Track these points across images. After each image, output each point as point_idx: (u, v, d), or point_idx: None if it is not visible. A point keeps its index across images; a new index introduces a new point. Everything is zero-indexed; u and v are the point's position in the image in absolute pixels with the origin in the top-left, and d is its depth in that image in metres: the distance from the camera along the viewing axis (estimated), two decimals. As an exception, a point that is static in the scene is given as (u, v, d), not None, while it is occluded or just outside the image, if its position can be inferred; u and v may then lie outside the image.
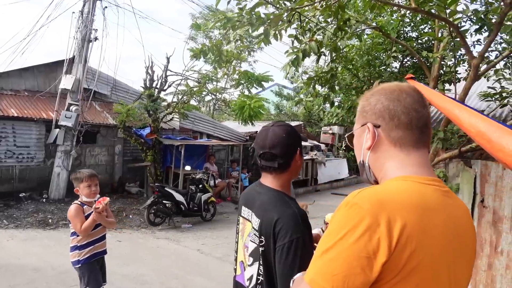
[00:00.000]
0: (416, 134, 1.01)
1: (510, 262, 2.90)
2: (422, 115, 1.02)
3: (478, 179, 3.47)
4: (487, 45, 2.78)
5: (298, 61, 2.79)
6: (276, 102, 24.32)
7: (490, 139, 1.31)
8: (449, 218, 0.93)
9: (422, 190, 0.93)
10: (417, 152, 1.01)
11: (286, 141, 1.55)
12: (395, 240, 0.81)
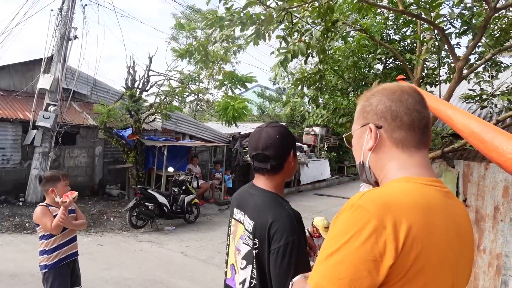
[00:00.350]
0: (418, 135, 1.01)
1: (493, 260, 2.97)
2: (424, 116, 1.02)
3: (460, 179, 3.54)
4: (472, 47, 2.85)
5: (287, 62, 2.78)
6: (258, 103, 24.38)
7: (484, 140, 1.33)
8: (451, 218, 0.94)
9: (425, 191, 0.93)
10: (418, 153, 1.02)
11: (279, 143, 1.53)
12: (402, 243, 0.81)
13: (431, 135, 1.06)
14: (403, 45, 5.68)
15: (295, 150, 1.62)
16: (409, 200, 0.88)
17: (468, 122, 1.41)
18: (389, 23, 5.58)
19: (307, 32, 3.11)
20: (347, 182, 17.97)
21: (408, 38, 5.57)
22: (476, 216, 3.23)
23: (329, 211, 10.99)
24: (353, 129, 1.16)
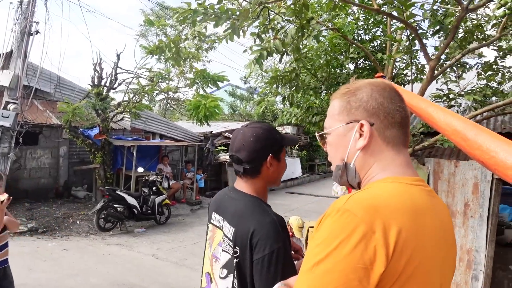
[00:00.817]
0: (405, 133, 0.99)
1: (463, 255, 3.05)
2: (407, 113, 1.01)
3: (431, 176, 3.62)
4: (444, 47, 2.91)
5: (263, 59, 2.73)
6: (229, 102, 24.26)
7: (467, 138, 1.32)
8: (437, 218, 0.91)
9: (411, 191, 0.89)
10: (404, 151, 1.00)
11: (252, 145, 1.41)
12: (392, 248, 0.76)
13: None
14: (373, 45, 5.77)
15: (277, 154, 1.48)
16: (397, 202, 0.84)
17: (450, 120, 1.40)
18: (360, 23, 5.65)
19: (282, 29, 3.06)
20: (318, 180, 18.20)
21: (378, 38, 5.67)
22: (446, 213, 3.31)
23: (301, 209, 11.07)
24: (330, 126, 1.08)
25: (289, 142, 1.59)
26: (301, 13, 2.78)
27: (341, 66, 5.23)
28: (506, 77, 4.97)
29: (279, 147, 1.48)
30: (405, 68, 5.59)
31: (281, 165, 1.51)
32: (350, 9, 5.39)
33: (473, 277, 2.92)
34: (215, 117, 10.72)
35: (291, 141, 1.64)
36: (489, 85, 4.75)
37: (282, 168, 1.52)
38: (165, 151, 12.25)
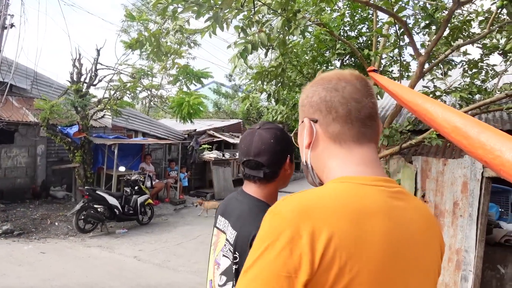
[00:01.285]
0: (356, 128, 0.87)
1: (452, 255, 2.99)
2: (364, 105, 0.88)
3: (419, 175, 3.56)
4: (434, 42, 2.83)
5: (247, 53, 2.59)
6: (214, 100, 24.04)
7: (468, 135, 1.22)
8: (395, 223, 0.78)
9: (361, 192, 0.79)
10: (360, 148, 0.88)
11: (274, 148, 1.34)
12: (319, 255, 0.68)
13: (378, 127, 0.91)
14: (359, 42, 5.71)
15: (292, 155, 1.42)
16: (336, 204, 0.74)
17: (450, 116, 1.30)
18: (346, 19, 5.58)
19: (267, 22, 2.93)
20: (302, 178, 18.18)
21: (364, 35, 5.60)
22: (435, 212, 3.25)
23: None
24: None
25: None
26: (288, 5, 2.65)
27: (328, 62, 5.14)
28: (489, 75, 4.98)
29: (293, 149, 1.42)
30: (391, 65, 5.55)
31: (293, 167, 1.45)
32: (336, 5, 5.31)
33: (462, 277, 2.86)
34: (199, 115, 10.54)
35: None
36: (474, 83, 4.74)
37: (293, 169, 1.45)
38: (148, 150, 11.99)
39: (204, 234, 7.97)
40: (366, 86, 0.90)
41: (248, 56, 2.95)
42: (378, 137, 0.90)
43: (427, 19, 2.52)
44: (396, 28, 3.11)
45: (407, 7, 2.76)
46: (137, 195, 8.26)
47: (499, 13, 3.26)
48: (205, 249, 7.15)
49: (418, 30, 4.95)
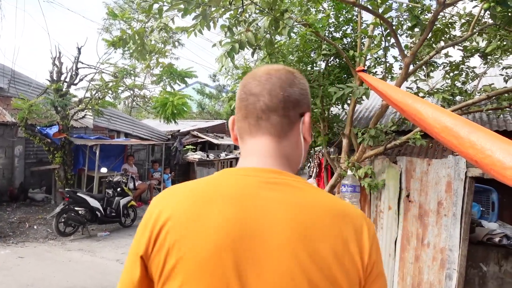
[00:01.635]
0: (251, 121, 0.87)
1: (436, 254, 3.03)
2: (261, 99, 0.85)
3: (403, 175, 3.60)
4: (420, 43, 2.87)
5: (235, 52, 2.56)
6: (198, 100, 23.88)
7: (459, 135, 1.23)
8: (247, 211, 0.74)
9: (226, 181, 0.80)
10: (253, 140, 0.88)
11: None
12: (155, 235, 0.75)
13: (281, 119, 0.86)
14: (344, 43, 5.74)
15: None
16: (186, 189, 0.81)
17: (440, 116, 1.31)
18: (331, 20, 5.61)
19: (254, 22, 2.91)
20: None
21: (349, 36, 5.64)
22: (419, 211, 3.29)
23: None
24: None
25: None
26: (275, 5, 2.64)
27: (313, 63, 5.15)
28: (469, 77, 5.09)
29: None
30: (375, 67, 5.61)
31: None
32: (321, 6, 5.33)
33: (446, 276, 2.90)
34: (183, 115, 10.43)
35: None
36: (455, 84, 4.84)
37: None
38: (131, 151, 11.79)
39: (189, 236, 7.88)
40: (280, 80, 0.87)
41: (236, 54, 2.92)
42: (281, 129, 0.86)
43: (414, 21, 2.55)
44: (381, 29, 3.13)
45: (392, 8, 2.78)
46: (119, 197, 8.10)
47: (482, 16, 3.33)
48: (190, 251, 7.08)
49: (401, 32, 5.03)
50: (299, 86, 0.89)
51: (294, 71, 0.92)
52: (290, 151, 0.87)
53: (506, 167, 1.07)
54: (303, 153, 0.91)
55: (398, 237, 3.62)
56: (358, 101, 4.91)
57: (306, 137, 0.89)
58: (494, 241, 3.23)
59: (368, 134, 3.46)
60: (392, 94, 1.53)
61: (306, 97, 0.90)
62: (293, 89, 0.87)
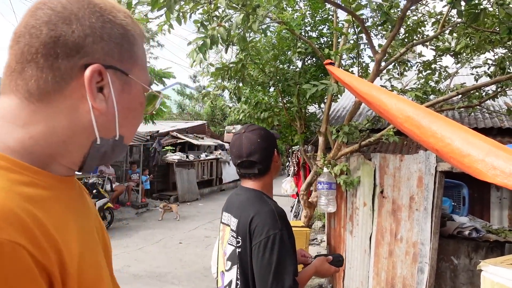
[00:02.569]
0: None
1: (409, 248, 3.07)
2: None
3: (377, 171, 3.64)
4: (390, 39, 2.91)
5: (206, 47, 2.53)
6: (178, 101, 23.66)
7: (420, 125, 1.24)
8: None
9: None
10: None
11: (262, 146, 1.53)
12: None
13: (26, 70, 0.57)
14: (320, 42, 5.79)
15: (277, 148, 1.62)
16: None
17: (403, 106, 1.32)
18: (306, 20, 5.65)
19: (226, 17, 2.88)
20: (268, 179, 18.27)
21: (325, 35, 5.69)
22: (393, 207, 3.33)
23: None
24: None
25: (276, 136, 1.68)
26: (247, 0, 2.62)
27: (290, 62, 5.16)
28: (442, 76, 5.22)
29: (276, 142, 1.63)
30: (351, 66, 5.67)
31: (280, 158, 1.63)
32: (297, 4, 5.36)
33: (418, 269, 2.95)
34: (162, 115, 10.28)
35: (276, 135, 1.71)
36: (428, 83, 4.95)
37: (280, 159, 1.64)
38: (108, 152, 11.54)
39: (167, 238, 7.77)
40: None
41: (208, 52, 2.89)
42: (20, 86, 0.58)
43: (383, 17, 2.59)
44: (354, 27, 3.16)
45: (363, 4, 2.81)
46: (95, 199, 7.91)
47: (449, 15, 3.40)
48: (168, 253, 6.97)
49: (376, 32, 5.11)
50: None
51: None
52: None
53: (464, 155, 1.08)
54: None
55: (373, 233, 3.66)
56: (334, 99, 4.95)
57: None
58: (464, 234, 3.31)
59: (342, 131, 3.49)
60: (358, 86, 1.54)
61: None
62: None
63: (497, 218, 5.52)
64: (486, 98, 4.60)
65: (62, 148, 0.60)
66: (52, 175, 0.60)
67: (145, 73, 0.70)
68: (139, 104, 0.69)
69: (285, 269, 1.31)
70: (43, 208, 0.53)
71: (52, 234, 0.51)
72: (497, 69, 4.11)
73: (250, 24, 2.51)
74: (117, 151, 0.68)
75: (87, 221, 0.66)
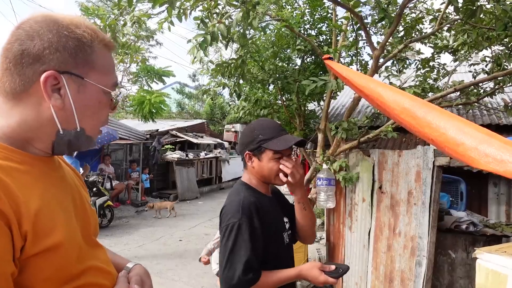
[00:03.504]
0: None
1: (407, 242, 3.11)
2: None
3: (376, 167, 3.68)
4: (388, 36, 2.95)
5: (206, 44, 2.56)
6: (177, 100, 23.67)
7: (416, 116, 1.28)
8: None
9: None
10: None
11: (240, 140, 1.61)
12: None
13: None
14: (319, 40, 5.82)
15: (257, 153, 1.53)
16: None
17: (399, 98, 1.36)
18: (305, 18, 5.68)
19: (226, 14, 2.91)
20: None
21: (324, 33, 5.72)
22: (391, 202, 3.37)
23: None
24: None
25: (276, 145, 1.49)
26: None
27: (289, 59, 5.20)
28: (440, 74, 5.26)
29: (257, 147, 1.52)
30: (351, 64, 5.71)
31: (264, 165, 1.53)
32: (296, 2, 5.39)
33: (416, 263, 2.98)
34: (161, 114, 10.31)
35: (282, 143, 1.50)
36: (426, 80, 4.99)
37: (265, 168, 1.54)
38: (107, 150, 11.58)
39: (167, 235, 7.80)
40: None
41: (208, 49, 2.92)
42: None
43: (381, 14, 2.63)
44: (353, 24, 3.20)
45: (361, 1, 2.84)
46: (95, 197, 7.94)
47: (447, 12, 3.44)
48: (168, 250, 7.00)
49: (375, 30, 5.14)
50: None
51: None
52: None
53: (458, 144, 1.12)
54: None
55: (371, 228, 3.70)
56: (333, 96, 4.98)
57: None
58: (461, 228, 3.35)
59: (341, 127, 3.52)
60: (357, 79, 1.57)
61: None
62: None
63: (495, 213, 5.56)
64: (484, 95, 4.64)
65: (34, 134, 0.79)
66: (27, 154, 0.78)
67: (106, 76, 0.84)
68: (98, 102, 0.83)
69: (238, 257, 1.34)
70: (10, 175, 0.70)
71: (14, 191, 0.68)
72: (494, 65, 4.15)
73: (250, 20, 2.54)
74: (81, 141, 0.84)
75: (59, 190, 0.83)
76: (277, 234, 1.55)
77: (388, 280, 3.37)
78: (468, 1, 2.58)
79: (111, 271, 0.90)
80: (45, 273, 0.72)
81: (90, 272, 0.82)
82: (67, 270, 0.76)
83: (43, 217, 0.73)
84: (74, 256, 0.78)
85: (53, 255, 0.73)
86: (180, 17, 2.58)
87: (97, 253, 0.90)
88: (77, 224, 0.83)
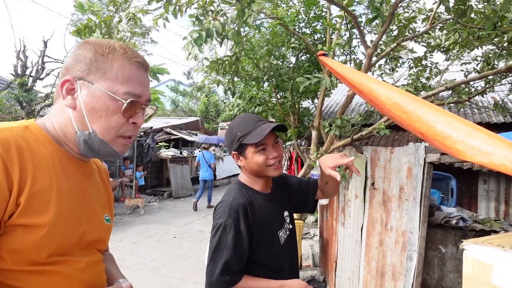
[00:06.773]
0: None
1: (399, 237, 3.17)
2: None
3: (369, 164, 3.72)
4: (380, 34, 2.99)
5: (201, 40, 2.58)
6: (172, 98, 23.61)
7: (407, 110, 1.32)
8: None
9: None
10: None
11: (225, 139, 1.60)
12: None
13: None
14: (314, 39, 5.87)
15: (241, 151, 1.52)
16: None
17: (391, 93, 1.40)
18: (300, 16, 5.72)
19: (221, 12, 2.94)
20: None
21: (318, 32, 5.77)
22: (383, 198, 3.42)
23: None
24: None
25: (253, 138, 1.45)
26: (242, -6, 2.67)
27: (283, 57, 5.23)
28: (433, 73, 5.33)
29: (239, 145, 1.51)
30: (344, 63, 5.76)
31: (250, 161, 1.52)
32: (290, 1, 5.42)
33: (407, 257, 3.04)
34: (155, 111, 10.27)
35: (259, 134, 1.46)
36: (419, 79, 5.06)
37: (253, 163, 1.52)
38: (101, 148, 11.52)
39: (161, 232, 7.81)
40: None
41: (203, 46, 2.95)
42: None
43: (374, 12, 2.67)
44: (346, 22, 3.24)
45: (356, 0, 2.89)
46: (89, 194, 7.93)
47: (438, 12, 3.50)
48: (162, 247, 7.01)
49: (370, 29, 5.20)
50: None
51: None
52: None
53: (446, 137, 1.16)
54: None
55: (364, 224, 3.75)
56: (327, 94, 5.03)
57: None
58: (451, 224, 3.41)
59: (335, 125, 3.57)
60: (349, 75, 1.61)
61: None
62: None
63: (484, 209, 5.66)
64: (475, 94, 4.72)
65: (64, 133, 0.94)
66: (60, 148, 0.93)
67: (118, 85, 0.92)
68: (105, 106, 0.91)
69: (218, 257, 1.37)
70: (32, 154, 0.83)
71: (26, 167, 0.80)
72: (484, 64, 4.22)
73: (245, 18, 2.57)
74: (96, 143, 0.93)
75: (77, 190, 0.93)
76: (271, 234, 1.52)
77: (380, 275, 3.42)
78: (459, 1, 2.63)
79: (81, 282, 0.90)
80: (16, 243, 0.78)
81: (56, 270, 0.85)
82: (35, 253, 0.81)
83: (41, 198, 0.82)
84: (50, 245, 0.82)
85: (30, 233, 0.79)
86: (175, 14, 2.59)
87: (81, 260, 0.91)
88: (79, 226, 0.91)
